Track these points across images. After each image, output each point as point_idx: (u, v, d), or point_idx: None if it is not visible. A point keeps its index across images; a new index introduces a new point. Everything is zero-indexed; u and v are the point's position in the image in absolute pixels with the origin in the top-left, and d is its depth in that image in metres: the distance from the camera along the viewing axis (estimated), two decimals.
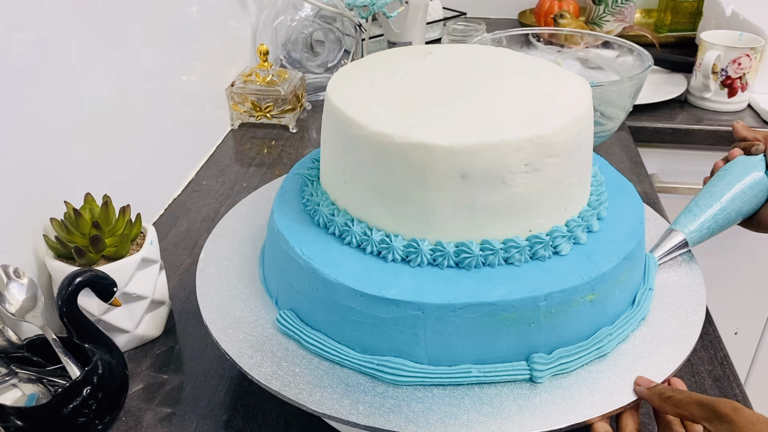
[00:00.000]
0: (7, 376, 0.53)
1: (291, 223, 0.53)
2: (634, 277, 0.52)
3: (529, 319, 0.46)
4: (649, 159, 1.11)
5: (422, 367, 0.47)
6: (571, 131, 0.48)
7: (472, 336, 0.46)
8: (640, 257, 0.53)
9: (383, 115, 0.48)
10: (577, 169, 0.50)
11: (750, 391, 0.66)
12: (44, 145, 0.61)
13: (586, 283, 0.46)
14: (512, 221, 0.48)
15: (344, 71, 0.56)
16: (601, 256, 0.49)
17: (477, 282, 0.46)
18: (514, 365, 0.47)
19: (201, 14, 0.93)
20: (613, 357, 0.49)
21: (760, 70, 1.12)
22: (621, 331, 0.50)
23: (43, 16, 0.60)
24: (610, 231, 0.52)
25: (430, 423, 0.44)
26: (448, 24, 1.30)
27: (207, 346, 0.63)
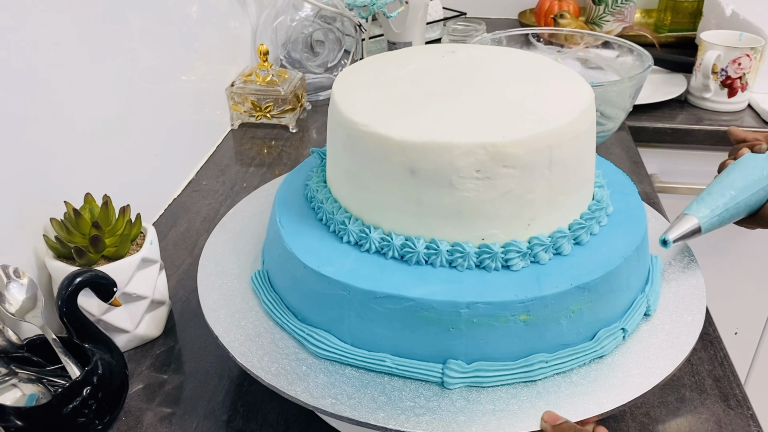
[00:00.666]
0: (7, 376, 0.53)
1: (286, 198, 0.57)
2: (598, 312, 0.49)
3: (449, 323, 0.45)
4: (649, 159, 1.11)
5: (344, 345, 0.48)
6: (534, 145, 0.46)
7: (392, 327, 0.46)
8: (610, 293, 0.49)
9: (361, 104, 0.50)
10: (546, 186, 0.47)
11: (750, 391, 0.66)
12: (44, 145, 0.61)
13: (518, 302, 0.45)
14: (462, 226, 0.48)
15: (363, 62, 0.58)
16: (551, 280, 0.47)
17: (408, 277, 0.47)
18: (430, 366, 0.47)
19: (201, 14, 0.93)
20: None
21: (760, 70, 1.12)
22: (560, 362, 0.47)
23: (43, 16, 0.60)
24: (583, 256, 0.49)
25: (322, 397, 0.45)
26: (448, 24, 1.30)
27: (207, 346, 0.63)
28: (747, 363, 1.33)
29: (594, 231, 0.52)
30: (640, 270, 0.53)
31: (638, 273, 0.52)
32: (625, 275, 0.50)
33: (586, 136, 0.50)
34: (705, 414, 0.55)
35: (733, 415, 0.55)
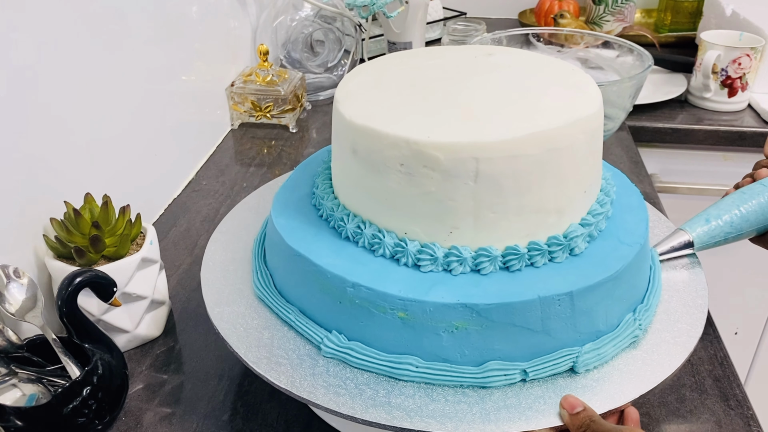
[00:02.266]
0: (7, 376, 0.53)
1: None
2: (491, 341, 0.46)
3: (338, 296, 0.48)
4: (649, 159, 1.11)
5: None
6: (457, 153, 0.44)
7: (299, 284, 0.50)
8: (509, 326, 0.46)
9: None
10: (471, 198, 0.46)
11: (750, 391, 0.66)
12: (44, 145, 0.61)
13: (398, 298, 0.45)
14: (388, 215, 0.49)
15: (383, 57, 0.59)
16: (442, 291, 0.46)
17: (374, 271, 0.47)
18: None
19: (201, 14, 0.93)
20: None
21: (760, 70, 1.12)
22: (430, 373, 0.46)
23: (43, 16, 0.60)
24: (514, 280, 0.47)
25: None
26: (448, 24, 1.30)
27: (207, 346, 0.63)
28: (747, 363, 1.33)
29: (537, 263, 0.48)
30: (563, 318, 0.47)
31: (561, 319, 0.47)
32: (538, 316, 0.46)
33: (542, 160, 0.46)
34: (705, 414, 0.55)
35: (733, 415, 0.55)
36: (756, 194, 0.59)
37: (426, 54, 0.59)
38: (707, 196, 1.12)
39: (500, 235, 0.48)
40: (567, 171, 0.48)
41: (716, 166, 1.14)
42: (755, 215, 0.59)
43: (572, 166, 0.48)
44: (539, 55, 0.58)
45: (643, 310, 0.51)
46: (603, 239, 0.51)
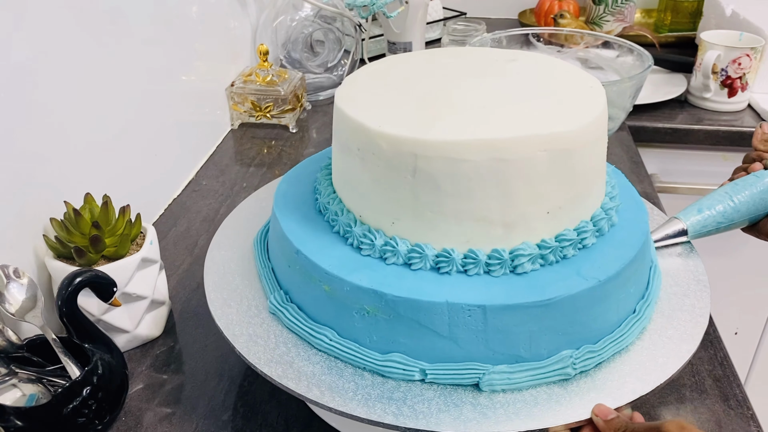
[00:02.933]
0: (7, 376, 0.53)
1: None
2: (395, 333, 0.47)
3: None
4: (649, 159, 1.11)
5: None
6: (397, 147, 0.46)
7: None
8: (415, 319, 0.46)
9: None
10: (409, 193, 0.47)
11: (750, 391, 0.66)
12: (44, 145, 0.61)
13: (324, 271, 0.48)
14: (350, 198, 0.52)
15: (406, 54, 0.60)
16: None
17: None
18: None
19: (201, 14, 0.93)
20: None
21: (760, 70, 1.12)
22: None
23: (43, 16, 0.60)
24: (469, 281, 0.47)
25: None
26: (448, 24, 1.30)
27: (207, 346, 0.63)
28: (747, 363, 1.33)
29: (470, 271, 0.48)
30: (474, 331, 0.46)
31: (471, 332, 0.46)
32: (445, 321, 0.46)
33: (486, 169, 0.45)
34: (705, 414, 0.55)
35: (733, 415, 0.55)
36: (748, 185, 0.61)
37: (451, 53, 0.60)
38: None
39: (438, 236, 0.48)
40: (516, 185, 0.46)
41: (716, 166, 1.14)
42: (746, 206, 0.60)
43: (525, 182, 0.46)
44: (562, 64, 0.56)
45: (586, 350, 0.48)
46: (564, 267, 0.48)
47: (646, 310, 0.52)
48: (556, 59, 0.58)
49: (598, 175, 0.52)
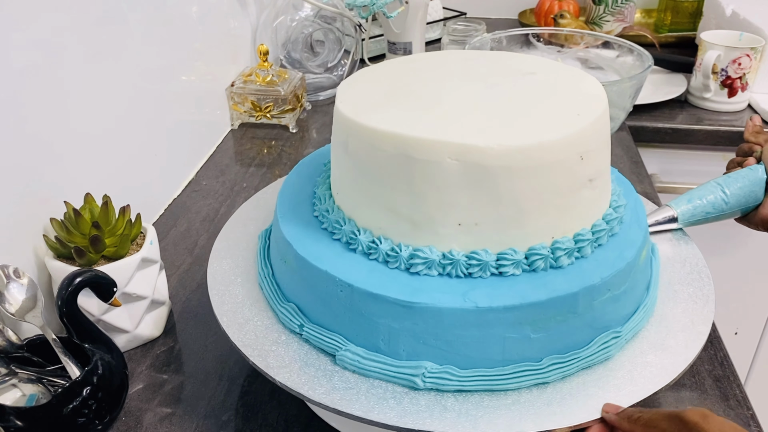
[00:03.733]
0: (7, 376, 0.53)
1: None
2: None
3: None
4: (649, 159, 1.11)
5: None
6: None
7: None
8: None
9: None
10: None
11: (750, 391, 0.66)
12: (44, 145, 0.61)
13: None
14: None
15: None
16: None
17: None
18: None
19: (201, 14, 0.93)
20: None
21: (760, 70, 1.12)
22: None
23: (43, 16, 0.60)
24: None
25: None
26: (448, 24, 1.30)
27: (207, 346, 0.63)
28: (747, 363, 1.33)
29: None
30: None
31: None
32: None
33: (400, 162, 0.46)
34: None
35: (733, 415, 0.55)
36: (740, 178, 0.63)
37: (461, 55, 0.60)
38: None
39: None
40: (422, 186, 0.46)
41: (716, 166, 1.14)
42: (736, 198, 0.63)
43: (431, 185, 0.46)
44: (579, 74, 0.56)
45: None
46: (463, 283, 0.47)
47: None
48: (574, 71, 0.57)
49: (547, 205, 0.47)
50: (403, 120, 0.47)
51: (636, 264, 0.50)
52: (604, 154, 0.51)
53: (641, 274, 0.52)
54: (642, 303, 0.52)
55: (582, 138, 0.47)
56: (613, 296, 0.48)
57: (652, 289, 0.54)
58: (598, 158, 0.49)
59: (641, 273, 0.52)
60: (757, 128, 0.69)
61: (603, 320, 0.49)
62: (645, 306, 0.52)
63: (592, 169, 0.48)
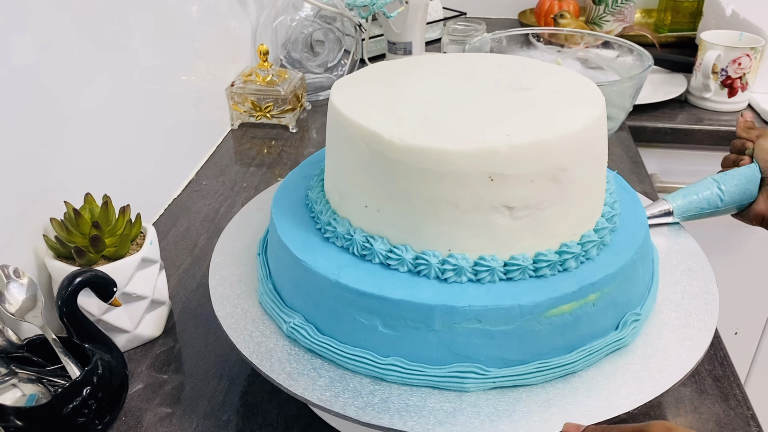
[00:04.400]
0: (7, 376, 0.53)
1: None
2: None
3: None
4: (649, 159, 1.11)
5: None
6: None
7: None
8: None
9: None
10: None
11: (750, 391, 0.66)
12: (44, 145, 0.61)
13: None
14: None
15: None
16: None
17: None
18: None
19: (201, 14, 0.93)
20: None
21: (760, 70, 1.12)
22: None
23: (43, 16, 0.60)
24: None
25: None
26: (448, 24, 1.30)
27: (207, 346, 0.63)
28: (747, 363, 1.33)
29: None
30: None
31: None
32: None
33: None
34: (705, 414, 0.55)
35: (733, 415, 0.55)
36: (737, 175, 0.64)
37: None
38: None
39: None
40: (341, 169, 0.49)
41: (716, 166, 1.13)
42: (731, 195, 0.64)
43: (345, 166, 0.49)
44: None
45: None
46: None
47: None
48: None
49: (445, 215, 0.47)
50: (377, 115, 0.48)
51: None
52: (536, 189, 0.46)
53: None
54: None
55: (492, 158, 0.44)
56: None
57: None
58: (520, 187, 0.45)
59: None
60: (748, 123, 0.70)
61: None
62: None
63: (507, 196, 0.45)
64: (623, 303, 0.50)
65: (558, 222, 0.48)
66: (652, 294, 0.54)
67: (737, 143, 0.69)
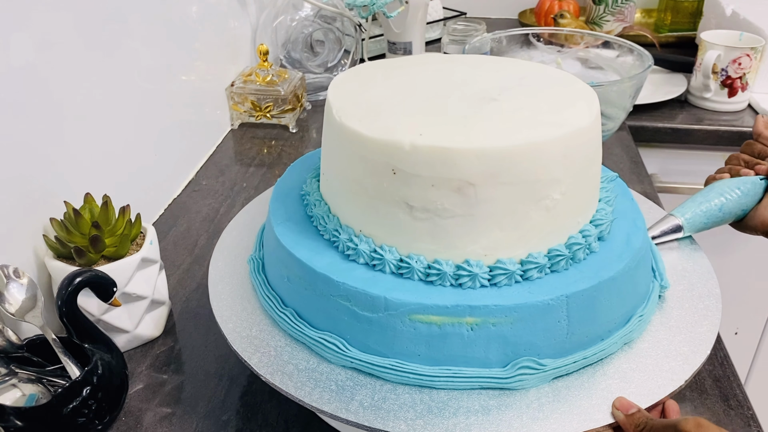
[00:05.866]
0: (7, 376, 0.53)
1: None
2: None
3: None
4: (649, 159, 1.11)
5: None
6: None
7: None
8: None
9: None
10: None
11: (750, 391, 0.66)
12: (44, 145, 0.61)
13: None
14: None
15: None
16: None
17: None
18: None
19: (201, 14, 0.93)
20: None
21: (760, 70, 1.12)
22: None
23: (44, 16, 0.60)
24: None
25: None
26: (448, 24, 1.30)
27: (207, 346, 0.63)
28: (747, 363, 1.33)
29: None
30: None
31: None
32: None
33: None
34: (705, 414, 0.55)
35: (733, 415, 0.55)
36: (742, 184, 0.62)
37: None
38: None
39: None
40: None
41: (716, 166, 1.13)
42: (736, 204, 0.62)
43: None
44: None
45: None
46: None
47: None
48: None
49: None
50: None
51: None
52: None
53: None
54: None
55: (395, 153, 0.45)
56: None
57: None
58: (420, 188, 0.46)
59: None
60: (767, 122, 0.66)
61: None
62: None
63: (407, 193, 0.46)
64: (518, 344, 0.47)
65: (463, 236, 0.46)
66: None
67: (756, 147, 0.66)
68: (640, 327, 0.51)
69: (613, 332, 0.49)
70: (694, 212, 0.62)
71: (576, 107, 0.49)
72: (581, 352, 0.48)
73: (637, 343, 0.50)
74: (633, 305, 0.51)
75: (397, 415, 0.44)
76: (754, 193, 0.62)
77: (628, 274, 0.49)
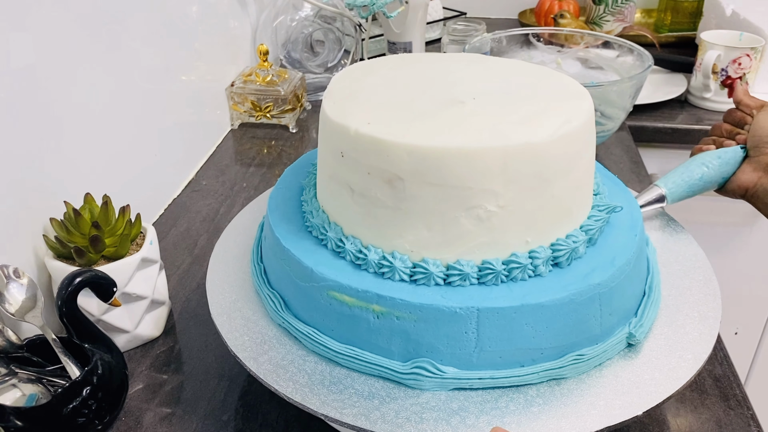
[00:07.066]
0: (7, 376, 0.53)
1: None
2: None
3: None
4: (649, 159, 1.11)
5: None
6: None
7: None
8: None
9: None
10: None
11: (750, 391, 0.66)
12: (44, 145, 0.61)
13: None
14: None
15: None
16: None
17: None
18: None
19: (201, 14, 0.93)
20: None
21: (760, 70, 1.12)
22: None
23: (43, 16, 0.60)
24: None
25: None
26: (448, 24, 1.30)
27: (207, 346, 0.63)
28: (747, 363, 1.33)
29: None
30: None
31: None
32: None
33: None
34: (705, 414, 0.55)
35: (733, 415, 0.55)
36: (723, 154, 0.66)
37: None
38: (707, 196, 1.12)
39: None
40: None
41: None
42: (718, 172, 0.66)
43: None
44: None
45: None
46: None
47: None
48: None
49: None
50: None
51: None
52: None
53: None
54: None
55: (342, 136, 0.48)
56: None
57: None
58: (357, 174, 0.47)
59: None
60: (746, 89, 0.70)
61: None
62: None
63: (348, 178, 0.48)
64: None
65: (391, 228, 0.47)
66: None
67: (736, 115, 0.69)
68: (575, 368, 0.47)
69: (537, 362, 0.47)
70: (675, 182, 0.66)
71: (543, 125, 0.46)
72: (491, 371, 0.46)
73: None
74: (572, 342, 0.47)
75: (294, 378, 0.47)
76: (735, 161, 0.66)
77: (567, 307, 0.46)
